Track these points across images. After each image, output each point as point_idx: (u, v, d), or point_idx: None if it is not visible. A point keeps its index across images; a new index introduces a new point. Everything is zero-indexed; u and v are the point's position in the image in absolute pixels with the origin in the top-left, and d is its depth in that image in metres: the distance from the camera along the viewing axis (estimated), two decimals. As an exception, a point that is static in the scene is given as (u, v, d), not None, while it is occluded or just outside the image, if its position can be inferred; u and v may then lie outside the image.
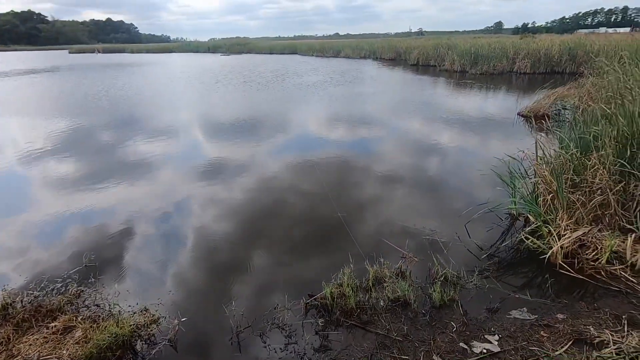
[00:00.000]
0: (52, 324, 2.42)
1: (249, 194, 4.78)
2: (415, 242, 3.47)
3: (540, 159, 3.77)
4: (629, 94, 4.13)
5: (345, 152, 6.42)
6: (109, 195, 4.87)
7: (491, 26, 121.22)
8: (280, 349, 2.32)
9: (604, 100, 5.04)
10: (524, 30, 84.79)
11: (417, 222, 3.88)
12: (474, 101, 11.11)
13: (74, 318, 2.49)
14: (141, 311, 2.62)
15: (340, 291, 2.64)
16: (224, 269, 3.22)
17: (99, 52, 64.50)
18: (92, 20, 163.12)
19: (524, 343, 2.23)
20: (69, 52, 66.71)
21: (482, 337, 2.31)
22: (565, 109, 7.79)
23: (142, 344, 2.39)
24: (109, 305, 2.69)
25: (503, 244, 3.45)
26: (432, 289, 2.69)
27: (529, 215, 3.66)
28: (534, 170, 3.74)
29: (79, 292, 2.84)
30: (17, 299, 2.71)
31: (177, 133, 8.22)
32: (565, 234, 3.17)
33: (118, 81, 18.98)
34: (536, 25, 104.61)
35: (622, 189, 3.33)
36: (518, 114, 8.71)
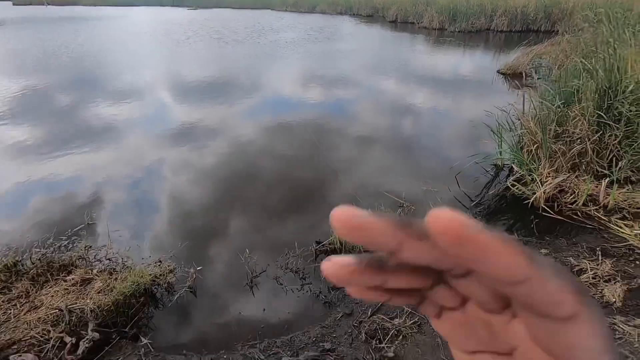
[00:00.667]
0: (70, 277, 2.46)
1: (240, 153, 4.78)
2: (410, 193, 3.66)
3: (529, 112, 3.97)
4: (610, 48, 4.30)
5: (329, 112, 6.42)
6: (92, 158, 4.72)
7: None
8: (297, 289, 2.49)
9: (583, 56, 5.27)
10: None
11: (411, 176, 4.07)
12: (454, 59, 11.18)
13: (90, 271, 2.54)
14: (155, 263, 2.70)
15: (347, 237, 2.80)
16: (230, 223, 3.31)
17: (48, 4, 58.29)
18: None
19: (515, 274, 2.51)
20: (14, 4, 59.95)
21: (478, 270, 2.57)
22: (541, 66, 8.03)
23: (163, 291, 2.49)
24: (122, 258, 2.74)
25: (490, 192, 3.71)
26: (431, 232, 2.90)
27: (513, 166, 3.92)
28: (521, 122, 3.95)
29: (87, 248, 2.85)
30: (25, 256, 2.71)
31: (149, 94, 7.86)
32: (547, 181, 3.45)
33: (78, 37, 17.48)
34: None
35: (598, 138, 3.61)
36: (497, 71, 8.89)
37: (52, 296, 2.30)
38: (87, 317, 2.14)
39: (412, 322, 2.11)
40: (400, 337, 2.02)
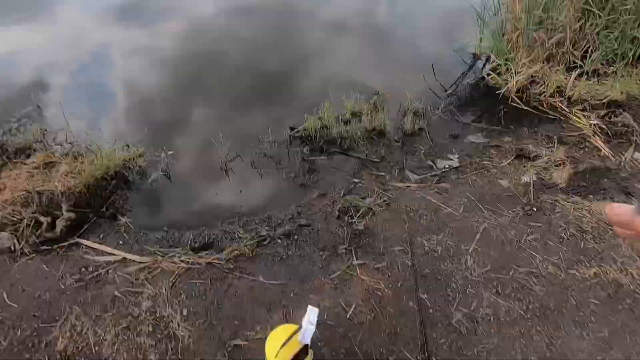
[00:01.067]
0: (30, 161, 2.33)
1: (202, 34, 4.25)
2: (386, 81, 3.54)
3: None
4: None
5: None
6: (26, 35, 4.04)
7: None
8: (272, 172, 2.54)
9: None
10: None
11: (385, 64, 3.90)
12: None
13: (52, 155, 2.40)
14: (123, 147, 2.59)
15: (322, 123, 2.77)
16: (197, 109, 3.13)
17: None
18: None
19: (478, 159, 2.68)
20: None
21: (445, 156, 2.71)
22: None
23: (135, 175, 2.46)
24: (85, 142, 2.59)
25: (465, 82, 3.68)
26: (404, 121, 2.94)
27: (491, 55, 3.82)
28: (507, 5, 3.72)
29: (43, 131, 2.64)
30: (-30, 139, 2.49)
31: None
32: (521, 71, 3.44)
33: None
34: None
35: (579, 27, 3.51)
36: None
37: (15, 179, 2.20)
38: (58, 199, 2.10)
39: (382, 200, 2.27)
40: (371, 214, 2.19)
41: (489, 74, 3.54)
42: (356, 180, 2.46)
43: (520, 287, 1.84)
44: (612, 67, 3.59)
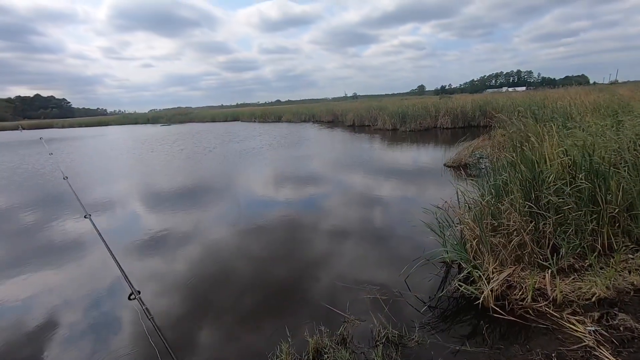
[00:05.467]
0: None
1: (192, 265, 4.44)
2: (357, 303, 3.39)
3: (463, 207, 4.05)
4: (528, 142, 4.69)
5: (287, 214, 6.38)
6: (29, 282, 4.23)
7: (415, 89, 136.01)
8: None
9: (510, 149, 5.74)
10: (443, 91, 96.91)
11: (359, 281, 3.84)
12: (407, 156, 12.00)
13: None
14: None
15: (277, 371, 2.42)
16: (197, 337, 2.83)
17: (23, 128, 60.31)
18: (18, 97, 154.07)
19: (467, 401, 2.17)
20: (-11, 131, 61.67)
21: (427, 401, 2.22)
22: (482, 158, 8.70)
23: None
24: None
25: (440, 294, 3.50)
26: (374, 354, 2.58)
27: (460, 262, 3.82)
28: (459, 218, 3.99)
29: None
30: None
31: (114, 205, 7.64)
32: (493, 277, 3.32)
33: (43, 156, 17.66)
34: (452, 87, 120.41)
35: (533, 228, 3.64)
36: (444, 164, 9.50)
37: None
38: None
39: None
40: None
41: (461, 284, 3.40)
42: None
43: None
44: (587, 260, 3.50)
